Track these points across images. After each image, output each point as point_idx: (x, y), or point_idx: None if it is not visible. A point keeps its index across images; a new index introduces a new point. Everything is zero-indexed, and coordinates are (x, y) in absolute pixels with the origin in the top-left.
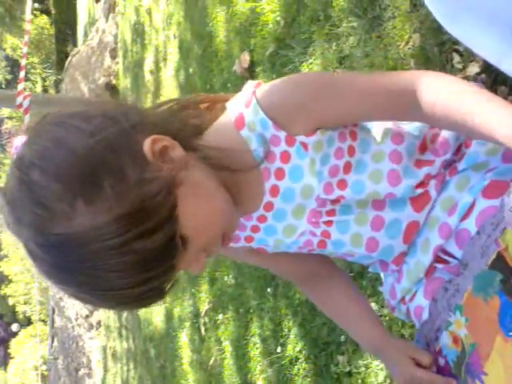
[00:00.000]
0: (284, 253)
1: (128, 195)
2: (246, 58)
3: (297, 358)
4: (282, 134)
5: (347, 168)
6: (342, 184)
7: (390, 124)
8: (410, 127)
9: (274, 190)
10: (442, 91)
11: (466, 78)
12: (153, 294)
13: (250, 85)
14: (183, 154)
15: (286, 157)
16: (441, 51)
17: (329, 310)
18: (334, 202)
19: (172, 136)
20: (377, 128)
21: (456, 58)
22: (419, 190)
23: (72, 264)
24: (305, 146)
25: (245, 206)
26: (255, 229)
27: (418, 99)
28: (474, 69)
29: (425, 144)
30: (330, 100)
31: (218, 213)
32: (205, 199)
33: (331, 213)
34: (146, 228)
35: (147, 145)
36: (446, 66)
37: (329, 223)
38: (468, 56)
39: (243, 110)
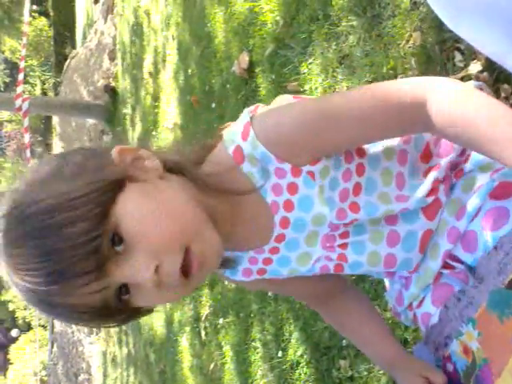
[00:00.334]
0: (297, 277)
1: (79, 179)
2: (244, 58)
3: (298, 363)
4: (287, 166)
5: (357, 189)
6: (355, 207)
7: (395, 141)
8: (415, 137)
9: (285, 222)
10: (456, 103)
11: (468, 76)
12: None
13: (246, 114)
14: (159, 166)
15: (293, 188)
16: (442, 49)
17: (344, 330)
18: (348, 224)
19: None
20: (383, 144)
21: (458, 56)
22: (430, 199)
23: (15, 226)
24: (311, 174)
25: (254, 241)
26: (268, 261)
27: (428, 114)
28: (475, 67)
29: (428, 151)
30: (331, 132)
31: (172, 218)
32: (157, 201)
33: (345, 235)
34: (76, 214)
35: (116, 149)
36: (447, 65)
37: (344, 246)
38: (470, 54)
39: (241, 142)
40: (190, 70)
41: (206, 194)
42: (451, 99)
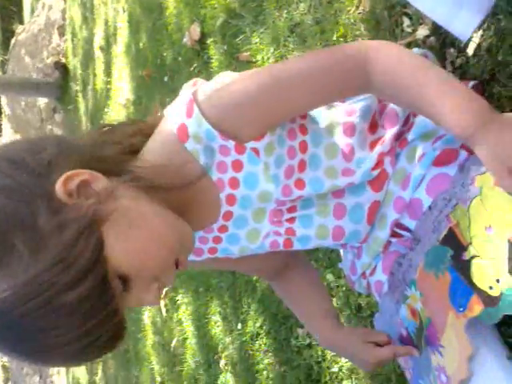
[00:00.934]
0: (250, 255)
1: (44, 249)
2: (196, 29)
3: (257, 334)
4: (231, 144)
5: (302, 166)
6: (300, 183)
7: (339, 115)
8: (360, 109)
9: (231, 199)
10: (397, 64)
11: (415, 41)
12: (100, 345)
13: (187, 89)
14: (108, 184)
15: (238, 165)
16: (390, 15)
17: (289, 306)
18: (294, 200)
19: (99, 164)
20: (326, 119)
21: (406, 21)
22: (376, 172)
23: (4, 332)
24: (256, 151)
25: (203, 220)
26: (217, 240)
27: (369, 73)
28: (423, 32)
29: (374, 121)
30: (275, 100)
31: (159, 241)
32: (139, 230)
33: (292, 209)
34: (70, 279)
35: (59, 185)
36: (395, 30)
37: (291, 220)
38: (417, 19)
39: (185, 120)
40: (141, 44)
41: (159, 191)
42: (389, 61)
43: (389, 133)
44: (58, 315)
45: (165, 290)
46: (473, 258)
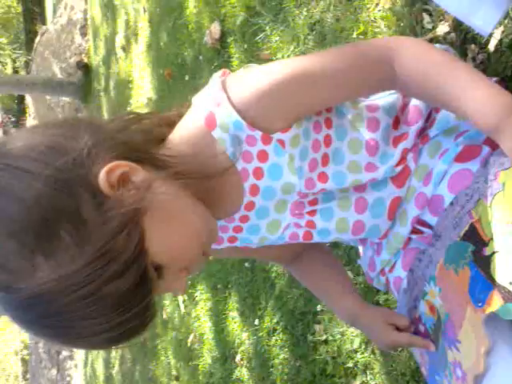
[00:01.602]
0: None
1: (89, 240)
2: (216, 28)
3: (274, 330)
4: (258, 134)
5: (325, 160)
6: (323, 177)
7: (363, 109)
8: (384, 105)
9: (254, 190)
10: (423, 60)
11: (436, 37)
12: (135, 330)
13: (216, 78)
14: (146, 176)
15: (263, 156)
16: (410, 12)
17: (309, 285)
18: (316, 192)
19: (134, 154)
20: (351, 113)
21: (426, 18)
22: (399, 168)
23: (44, 319)
24: (282, 143)
25: (225, 209)
26: (238, 229)
27: (395, 70)
28: (443, 28)
29: (397, 117)
30: (304, 93)
31: (193, 233)
32: (176, 222)
33: (314, 202)
34: (114, 270)
35: (102, 178)
36: (415, 28)
37: (312, 212)
38: (438, 16)
39: (213, 108)
40: (162, 43)
41: (189, 181)
42: (415, 56)
43: (412, 129)
44: (100, 305)
45: None
46: (494, 253)
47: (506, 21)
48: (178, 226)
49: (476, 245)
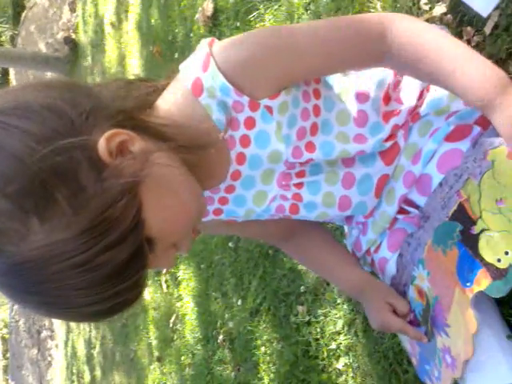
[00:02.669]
0: (255, 220)
1: (87, 206)
2: (209, 5)
3: (257, 310)
4: (245, 100)
5: (314, 129)
6: (311, 146)
7: (353, 82)
8: (373, 79)
9: (241, 158)
10: (416, 35)
11: (432, 18)
12: (125, 303)
13: (204, 44)
14: (144, 146)
15: (250, 123)
16: None
17: (310, 264)
18: (304, 163)
19: (131, 122)
20: (339, 86)
21: None
22: (389, 143)
23: (34, 286)
24: (270, 109)
25: (211, 179)
26: (224, 200)
27: (388, 44)
28: (440, 9)
29: (388, 93)
30: (292, 57)
31: (186, 208)
32: (171, 195)
33: (301, 174)
34: (111, 239)
35: (102, 145)
36: (412, 8)
37: (299, 185)
38: None
39: (200, 74)
40: (153, 20)
41: (182, 151)
42: (410, 33)
43: (404, 106)
44: (93, 276)
45: None
46: (482, 231)
47: (503, 4)
48: (172, 199)
49: (464, 224)
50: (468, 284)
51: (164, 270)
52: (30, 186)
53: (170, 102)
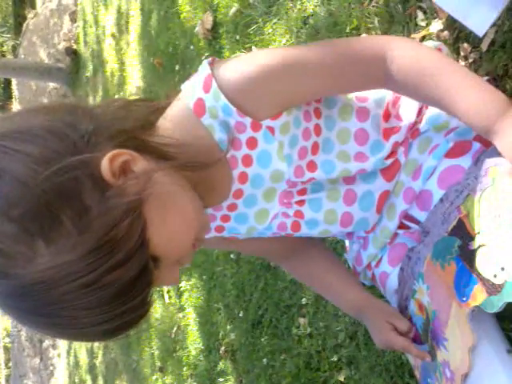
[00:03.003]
0: (257, 237)
1: (92, 227)
2: (208, 18)
3: (259, 322)
4: (247, 120)
5: (315, 149)
6: (312, 165)
7: (353, 99)
8: (374, 96)
9: (243, 177)
10: (416, 60)
11: (429, 34)
12: (133, 322)
13: (206, 65)
14: (146, 165)
15: (252, 143)
16: (404, 9)
17: (310, 283)
18: (305, 182)
19: (132, 142)
20: (339, 104)
21: (420, 15)
22: (389, 161)
23: (42, 308)
24: (271, 130)
25: (213, 197)
26: (226, 218)
27: (389, 69)
28: (437, 26)
29: (388, 110)
30: (295, 80)
31: (189, 225)
32: (174, 213)
33: (303, 192)
34: (117, 259)
35: (105, 165)
36: (409, 24)
37: (301, 202)
38: (431, 13)
39: (202, 94)
40: (153, 32)
41: (184, 170)
42: (410, 57)
43: (404, 123)
44: (100, 296)
45: None
46: (480, 246)
47: (499, 21)
48: (175, 217)
49: (463, 239)
50: (464, 298)
51: None
52: (34, 209)
53: (172, 121)
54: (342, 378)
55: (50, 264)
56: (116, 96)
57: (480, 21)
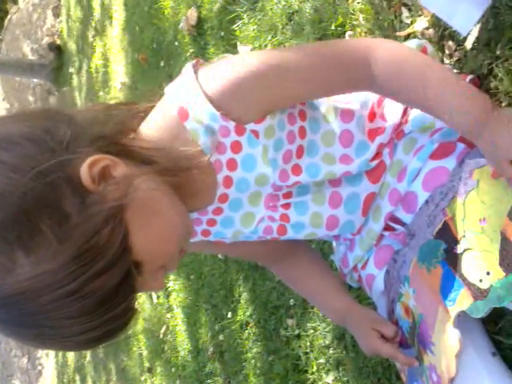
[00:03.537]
0: (243, 241)
1: (72, 236)
2: (193, 14)
3: (247, 323)
4: (231, 125)
5: (300, 152)
6: (297, 169)
7: (338, 101)
8: (357, 98)
9: (228, 181)
10: (399, 63)
11: (414, 32)
12: (118, 329)
13: (189, 68)
14: (127, 171)
15: (236, 147)
16: (390, 6)
17: (296, 288)
18: (290, 185)
19: (112, 147)
20: (324, 106)
21: (405, 12)
22: (374, 162)
23: (24, 319)
24: (256, 133)
25: (198, 201)
26: (212, 222)
27: (372, 72)
28: (421, 24)
29: (373, 111)
30: (278, 83)
31: (172, 230)
32: (156, 219)
33: (288, 195)
34: (99, 267)
35: (84, 171)
36: (394, 21)
37: (287, 206)
38: (416, 11)
39: (186, 99)
40: (137, 28)
41: (166, 174)
42: (393, 61)
43: (389, 124)
44: (83, 304)
45: None
46: (465, 250)
47: (484, 19)
48: (158, 222)
49: (448, 243)
50: (450, 303)
51: None
52: (11, 218)
53: (154, 125)
54: (329, 380)
55: (30, 274)
56: (100, 92)
57: (464, 20)
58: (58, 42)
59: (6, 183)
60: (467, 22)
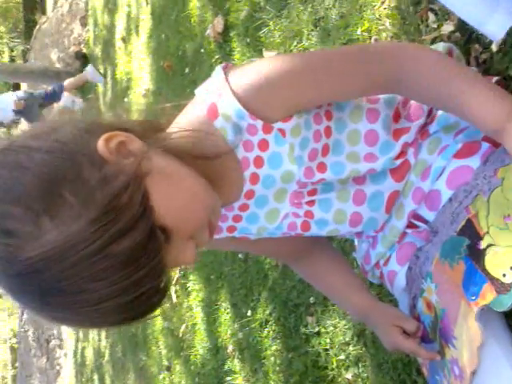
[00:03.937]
0: (267, 238)
1: (93, 198)
2: (219, 22)
3: (267, 321)
4: (259, 123)
5: (325, 150)
6: (322, 167)
7: (363, 101)
8: (383, 98)
9: (254, 178)
10: (427, 67)
11: (441, 36)
12: (147, 299)
13: (219, 70)
14: (142, 145)
15: (264, 145)
16: (416, 11)
17: (317, 286)
18: (315, 182)
19: (129, 130)
20: (350, 106)
21: (431, 17)
22: (399, 161)
23: (54, 285)
24: (282, 132)
25: (226, 197)
26: (237, 218)
27: (399, 75)
28: (448, 27)
29: (398, 111)
30: (306, 85)
31: (194, 196)
32: (177, 184)
33: (313, 192)
34: (121, 226)
35: (101, 144)
36: (420, 26)
37: (311, 203)
38: (443, 15)
39: (216, 99)
40: (163, 35)
41: (188, 159)
42: (421, 65)
43: (414, 124)
44: (108, 264)
45: (176, 276)
46: (489, 246)
47: None
48: (179, 190)
49: (471, 239)
50: (473, 298)
51: (174, 280)
52: (36, 189)
53: (185, 123)
54: (349, 376)
55: (56, 237)
56: (125, 99)
57: (496, 27)
58: (84, 50)
59: (32, 162)
60: (500, 29)
